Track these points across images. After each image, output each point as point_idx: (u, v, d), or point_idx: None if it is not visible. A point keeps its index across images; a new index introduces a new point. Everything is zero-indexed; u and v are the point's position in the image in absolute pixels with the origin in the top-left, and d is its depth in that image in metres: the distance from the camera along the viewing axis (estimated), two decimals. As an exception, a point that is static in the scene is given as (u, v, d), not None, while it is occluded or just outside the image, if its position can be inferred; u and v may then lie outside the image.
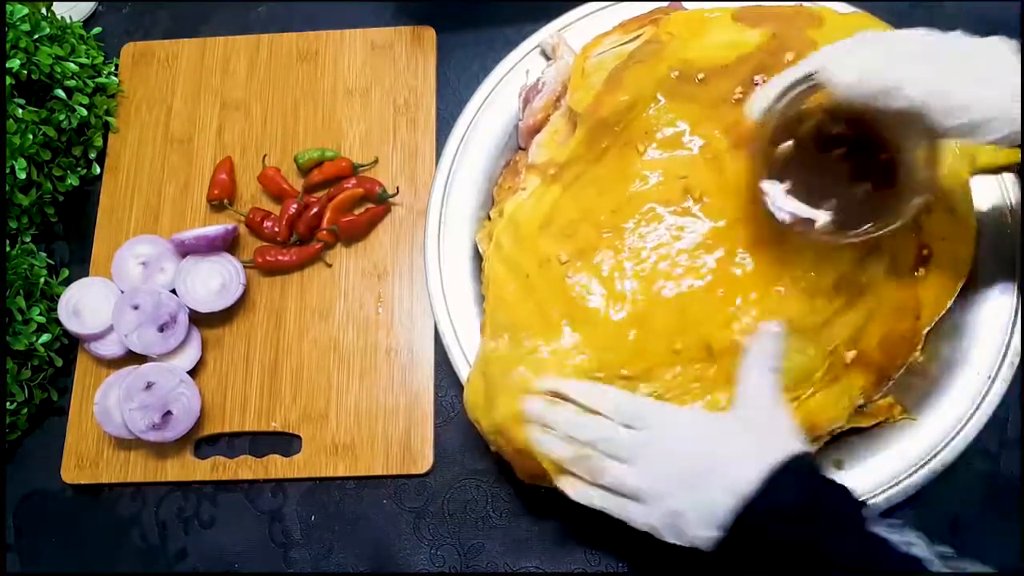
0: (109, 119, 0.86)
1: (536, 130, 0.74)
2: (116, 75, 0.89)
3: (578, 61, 0.73)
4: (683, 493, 0.56)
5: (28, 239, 0.82)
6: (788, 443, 0.56)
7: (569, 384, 0.62)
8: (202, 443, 0.77)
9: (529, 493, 0.71)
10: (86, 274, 0.81)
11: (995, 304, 0.71)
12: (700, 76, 0.68)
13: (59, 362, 0.79)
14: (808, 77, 0.56)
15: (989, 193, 0.74)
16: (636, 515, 0.58)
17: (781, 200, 0.59)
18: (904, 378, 0.68)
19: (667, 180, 0.67)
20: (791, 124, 0.59)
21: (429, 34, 0.89)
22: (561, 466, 0.61)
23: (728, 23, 0.70)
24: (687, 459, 0.57)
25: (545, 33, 0.79)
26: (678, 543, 0.56)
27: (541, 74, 0.76)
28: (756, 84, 0.67)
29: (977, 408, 0.68)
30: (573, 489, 0.60)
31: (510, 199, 0.71)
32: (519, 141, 0.78)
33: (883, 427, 0.68)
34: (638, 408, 0.60)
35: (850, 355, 0.64)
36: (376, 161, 0.84)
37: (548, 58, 0.79)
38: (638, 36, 0.72)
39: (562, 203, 0.68)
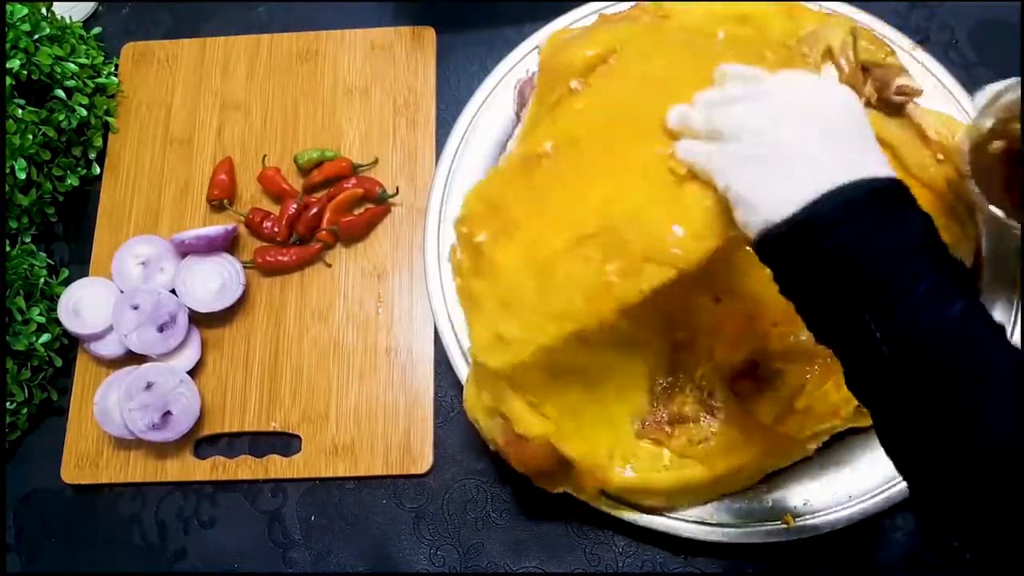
0: (109, 119, 0.86)
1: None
2: (116, 75, 0.89)
3: (555, 36, 0.72)
4: (781, 150, 0.48)
5: (28, 239, 0.82)
6: (881, 167, 0.48)
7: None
8: (202, 443, 0.77)
9: (529, 493, 0.70)
10: (86, 274, 0.81)
11: (995, 306, 0.71)
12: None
13: (59, 362, 0.79)
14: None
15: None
16: (722, 155, 0.51)
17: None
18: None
19: (599, 107, 0.62)
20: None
21: (429, 34, 0.89)
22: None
23: None
24: (797, 120, 0.49)
25: (543, 35, 0.79)
26: (741, 210, 0.49)
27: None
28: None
29: (977, 408, 0.68)
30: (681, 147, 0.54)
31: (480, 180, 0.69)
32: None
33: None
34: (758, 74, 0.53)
35: None
36: (376, 161, 0.84)
37: (546, 59, 0.79)
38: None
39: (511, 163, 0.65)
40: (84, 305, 0.78)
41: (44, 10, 0.84)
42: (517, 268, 0.59)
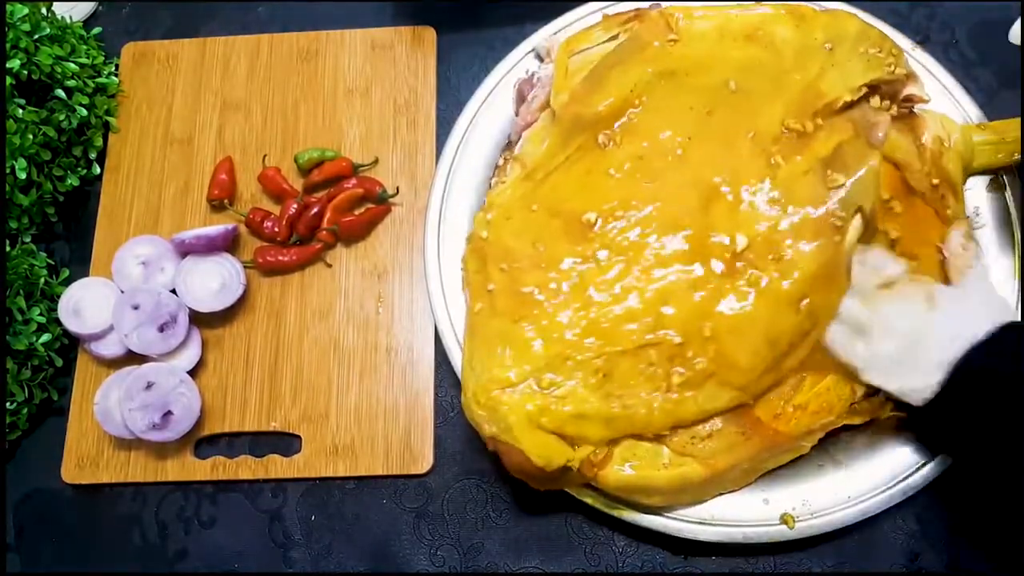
0: (109, 119, 0.86)
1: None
2: (116, 75, 0.89)
3: (561, 59, 0.72)
4: (910, 340, 0.62)
5: (28, 239, 0.82)
6: (1010, 312, 0.63)
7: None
8: (202, 443, 0.77)
9: (529, 493, 0.70)
10: (86, 274, 0.81)
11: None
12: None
13: (59, 362, 0.79)
14: None
15: (989, 192, 0.75)
16: (860, 352, 0.63)
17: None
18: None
19: (633, 178, 0.67)
20: None
21: (429, 34, 0.89)
22: None
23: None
24: (918, 316, 0.63)
25: (540, 36, 0.79)
26: (891, 388, 0.63)
27: (537, 69, 0.76)
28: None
29: (977, 408, 0.68)
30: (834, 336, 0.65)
31: (493, 189, 0.72)
32: (511, 137, 0.78)
33: (880, 426, 0.68)
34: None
35: None
36: (376, 161, 0.84)
37: (542, 60, 0.79)
38: (620, 34, 0.72)
39: (530, 198, 0.69)
40: (84, 305, 0.78)
41: (44, 10, 0.84)
42: (575, 337, 0.64)
